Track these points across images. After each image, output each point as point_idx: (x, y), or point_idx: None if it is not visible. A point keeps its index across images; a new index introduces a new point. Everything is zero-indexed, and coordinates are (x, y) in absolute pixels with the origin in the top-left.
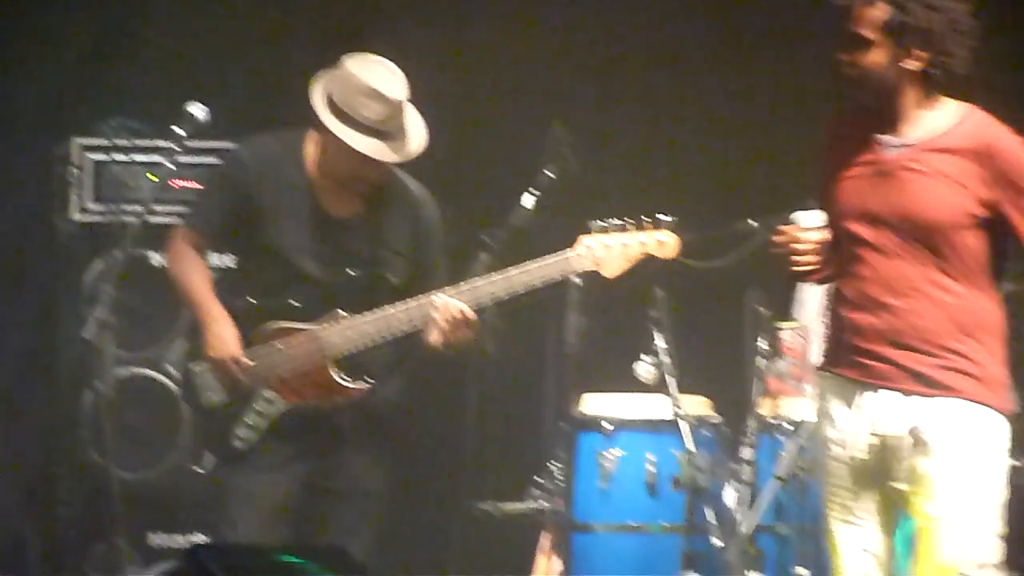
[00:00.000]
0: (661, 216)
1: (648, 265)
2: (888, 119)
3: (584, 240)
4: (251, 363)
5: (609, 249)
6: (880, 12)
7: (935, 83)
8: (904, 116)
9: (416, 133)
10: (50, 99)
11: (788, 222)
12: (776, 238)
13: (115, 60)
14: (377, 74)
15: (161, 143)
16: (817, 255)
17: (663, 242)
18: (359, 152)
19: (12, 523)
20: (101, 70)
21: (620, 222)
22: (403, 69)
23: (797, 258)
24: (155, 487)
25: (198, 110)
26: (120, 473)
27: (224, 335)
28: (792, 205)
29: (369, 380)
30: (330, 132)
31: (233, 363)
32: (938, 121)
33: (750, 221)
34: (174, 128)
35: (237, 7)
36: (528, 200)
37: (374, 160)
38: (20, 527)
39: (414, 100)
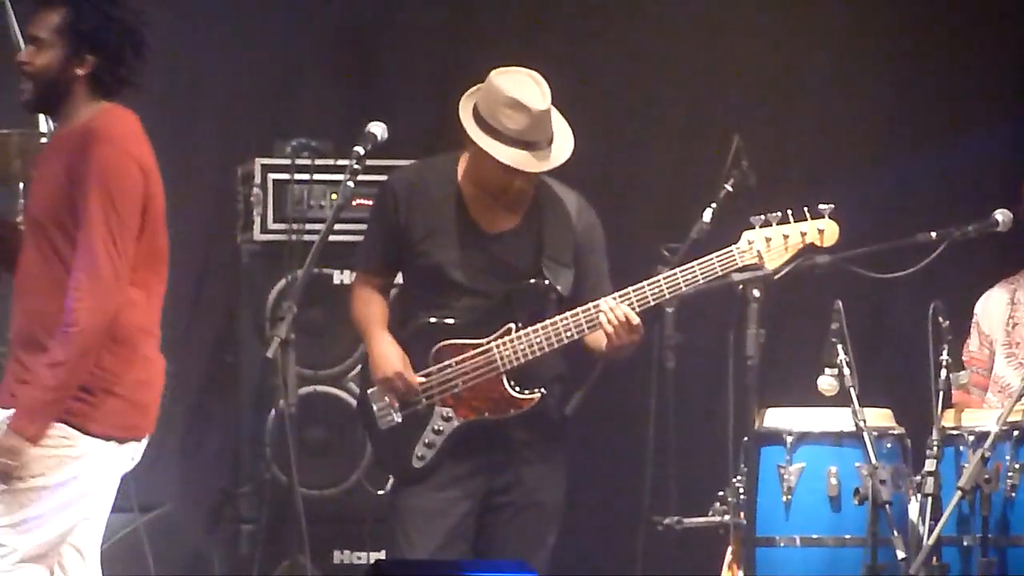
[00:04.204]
0: (821, 205)
1: (829, 279)
2: (61, 120)
3: (746, 235)
4: (420, 379)
5: (770, 241)
6: (56, 15)
7: (103, 88)
8: (72, 116)
9: (562, 143)
10: (233, 119)
11: (968, 234)
12: None
13: (295, 80)
14: (520, 85)
15: (342, 162)
16: None
17: (823, 230)
18: (503, 163)
19: (197, 541)
20: (282, 90)
21: (780, 214)
22: (581, 85)
23: None
24: (338, 504)
25: (377, 128)
26: (304, 491)
27: (386, 353)
28: (973, 216)
29: (542, 391)
30: (477, 145)
31: (398, 379)
32: (80, 121)
33: (931, 233)
34: (356, 149)
35: (414, 28)
36: (707, 214)
37: (521, 171)
38: (205, 545)
39: (589, 115)
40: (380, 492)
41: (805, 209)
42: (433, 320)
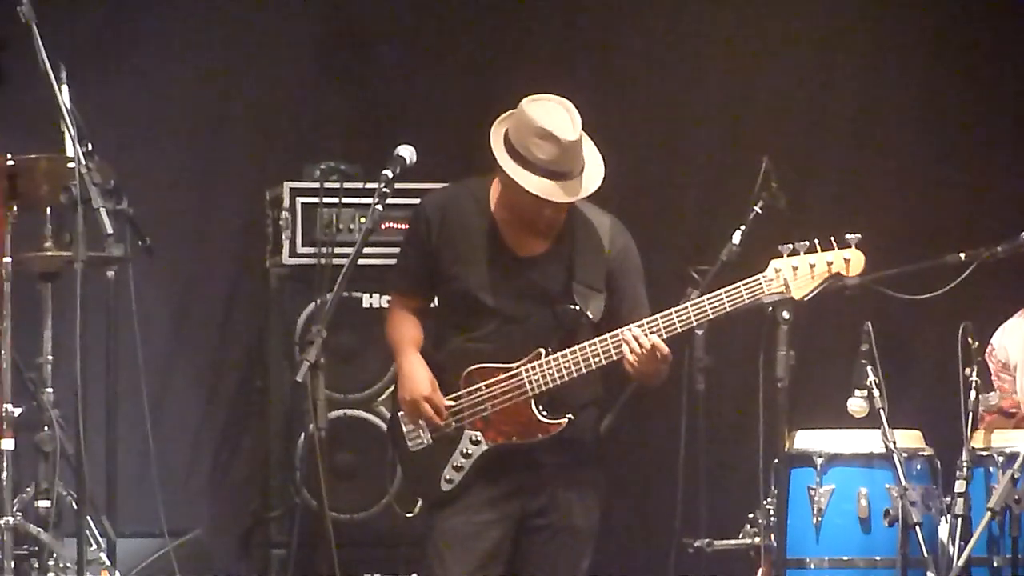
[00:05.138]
0: (848, 235)
1: (859, 301)
2: None
3: (773, 263)
4: (449, 402)
5: (797, 270)
6: None
7: None
8: None
9: (593, 172)
10: (262, 144)
11: (997, 255)
12: None
13: (323, 104)
14: (550, 115)
15: (371, 185)
16: None
17: (849, 260)
18: (532, 193)
19: (228, 566)
20: (310, 115)
21: (807, 243)
22: (611, 108)
23: None
24: (369, 528)
25: (406, 152)
26: (334, 515)
27: (413, 376)
28: (1002, 237)
29: (570, 415)
30: (507, 173)
31: (423, 402)
32: None
33: (960, 254)
34: (384, 172)
35: (443, 52)
36: (737, 236)
37: (551, 200)
38: (235, 570)
39: (619, 138)
40: (409, 515)
41: (832, 239)
42: (466, 344)
